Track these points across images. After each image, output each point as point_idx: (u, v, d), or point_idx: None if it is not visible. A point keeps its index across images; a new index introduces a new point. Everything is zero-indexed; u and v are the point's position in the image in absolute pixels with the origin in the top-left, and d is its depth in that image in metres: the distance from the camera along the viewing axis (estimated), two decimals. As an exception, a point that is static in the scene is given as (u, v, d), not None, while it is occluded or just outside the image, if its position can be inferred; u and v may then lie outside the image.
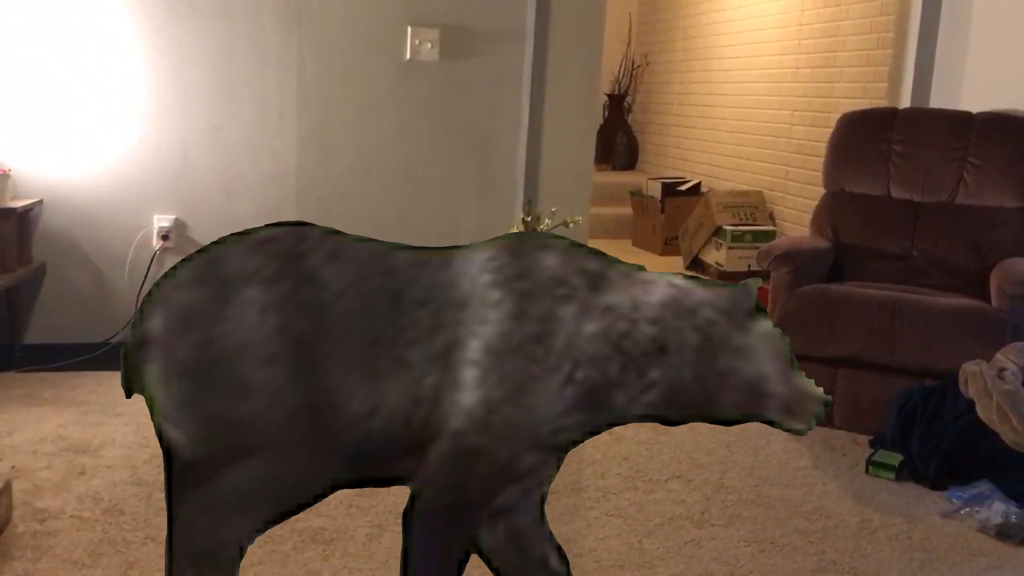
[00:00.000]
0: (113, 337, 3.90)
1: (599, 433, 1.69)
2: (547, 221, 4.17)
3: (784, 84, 5.82)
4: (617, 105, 8.01)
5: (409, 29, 4.04)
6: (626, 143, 8.03)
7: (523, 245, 1.69)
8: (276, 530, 2.41)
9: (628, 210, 6.91)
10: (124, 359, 1.68)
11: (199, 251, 1.70)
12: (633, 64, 8.01)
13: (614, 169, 7.92)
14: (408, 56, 4.06)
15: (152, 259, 3.95)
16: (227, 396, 1.62)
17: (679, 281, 1.66)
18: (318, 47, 3.99)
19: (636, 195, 6.82)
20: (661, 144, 7.74)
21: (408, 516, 1.70)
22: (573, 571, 1.83)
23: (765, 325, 1.63)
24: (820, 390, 1.63)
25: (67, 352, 3.73)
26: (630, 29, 8.08)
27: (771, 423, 1.65)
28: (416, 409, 1.62)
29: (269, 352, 1.61)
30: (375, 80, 4.06)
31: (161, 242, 3.94)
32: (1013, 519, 2.61)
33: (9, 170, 3.69)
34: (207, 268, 1.67)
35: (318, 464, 1.67)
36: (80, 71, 3.80)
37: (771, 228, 5.80)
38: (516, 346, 1.60)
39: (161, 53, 3.86)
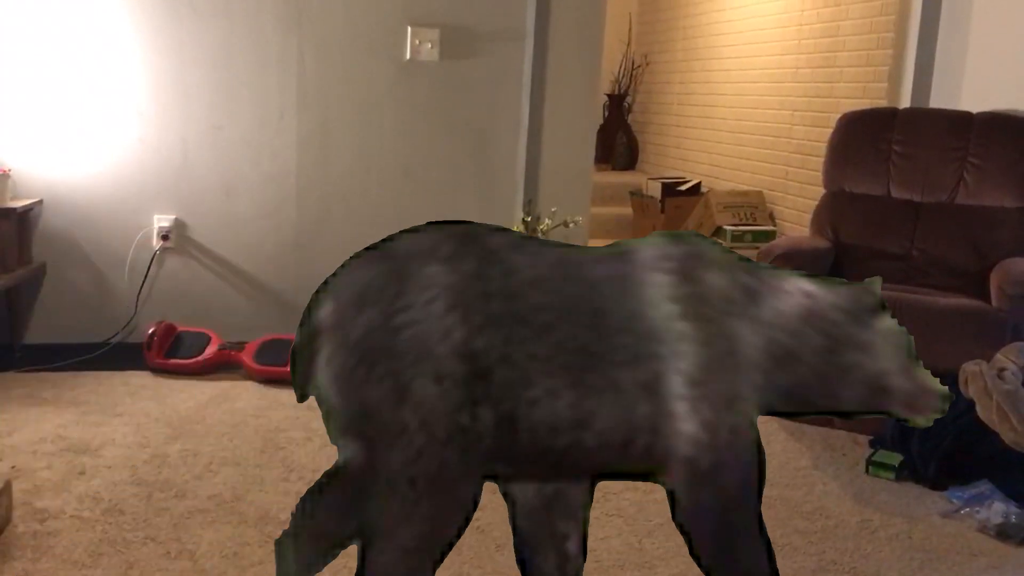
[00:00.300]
0: (113, 337, 3.90)
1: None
2: (547, 221, 4.17)
3: (784, 84, 5.82)
4: (617, 105, 8.01)
5: (409, 29, 4.04)
6: (626, 143, 8.03)
7: (694, 268, 1.71)
8: (276, 530, 2.42)
9: (628, 210, 6.90)
10: (295, 359, 1.65)
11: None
12: (633, 64, 8.01)
13: (614, 169, 7.91)
14: (408, 56, 4.06)
15: (152, 259, 3.95)
16: (385, 392, 1.60)
17: (810, 286, 1.71)
18: (318, 47, 3.99)
19: (636, 195, 6.82)
20: (661, 144, 7.74)
21: (691, 545, 1.72)
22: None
23: (888, 322, 1.69)
24: (940, 384, 1.69)
25: (67, 352, 3.73)
26: (630, 29, 8.08)
27: (892, 416, 1.72)
28: (634, 435, 1.65)
29: (445, 369, 1.60)
30: (375, 80, 4.06)
31: (161, 242, 3.94)
32: (1013, 519, 2.61)
33: (9, 170, 3.69)
34: (379, 251, 1.67)
35: (441, 503, 1.67)
36: (80, 71, 3.80)
37: (771, 228, 5.80)
38: (714, 369, 1.66)
39: (161, 53, 3.86)
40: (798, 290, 1.70)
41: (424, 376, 1.60)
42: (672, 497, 1.71)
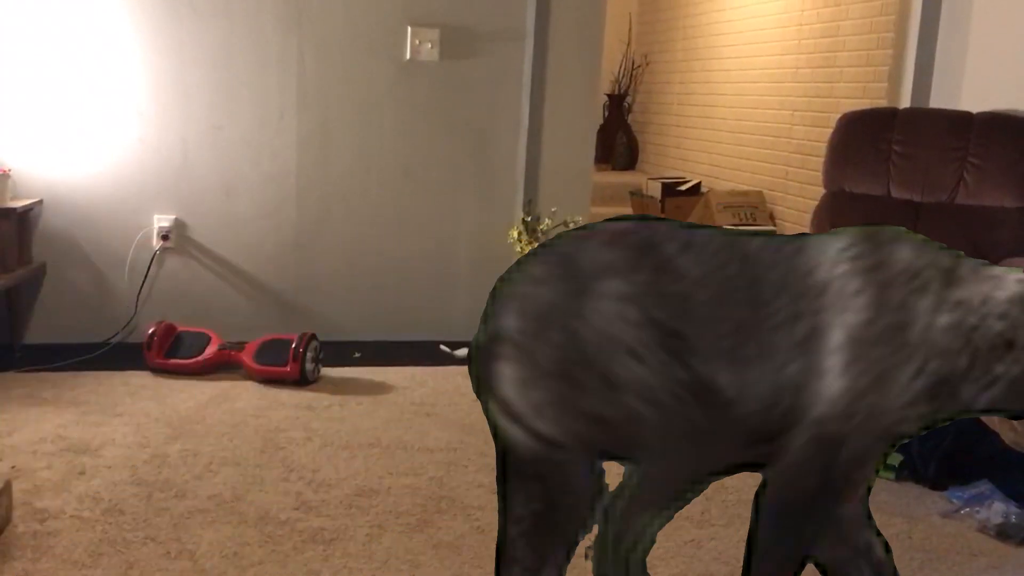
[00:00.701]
0: (113, 337, 3.90)
1: (934, 427, 1.70)
2: (547, 221, 4.17)
3: (784, 84, 5.82)
4: (617, 105, 8.01)
5: (409, 29, 4.04)
6: (626, 143, 8.03)
7: (878, 235, 1.68)
8: (276, 530, 2.42)
9: (628, 210, 6.90)
10: (474, 360, 1.67)
11: (543, 245, 1.71)
12: (633, 64, 8.01)
13: (614, 169, 7.92)
14: (408, 56, 4.06)
15: (152, 259, 3.95)
16: (597, 393, 1.62)
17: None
18: (318, 47, 3.99)
19: (636, 195, 6.82)
20: (661, 144, 7.74)
21: (760, 501, 1.72)
22: (572, 571, 1.83)
23: None
24: None
25: (67, 352, 3.73)
26: (630, 29, 8.09)
27: None
28: (779, 396, 1.63)
29: (636, 343, 1.61)
30: (375, 80, 4.06)
31: (161, 242, 3.94)
32: (1013, 519, 2.61)
33: (9, 170, 3.69)
34: (561, 264, 1.67)
35: (705, 454, 1.69)
36: (80, 71, 3.81)
37: (771, 228, 5.80)
38: (878, 335, 1.61)
39: (161, 53, 3.86)
40: (1011, 277, 1.64)
41: (618, 357, 1.61)
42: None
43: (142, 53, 3.85)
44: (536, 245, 4.09)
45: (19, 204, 3.68)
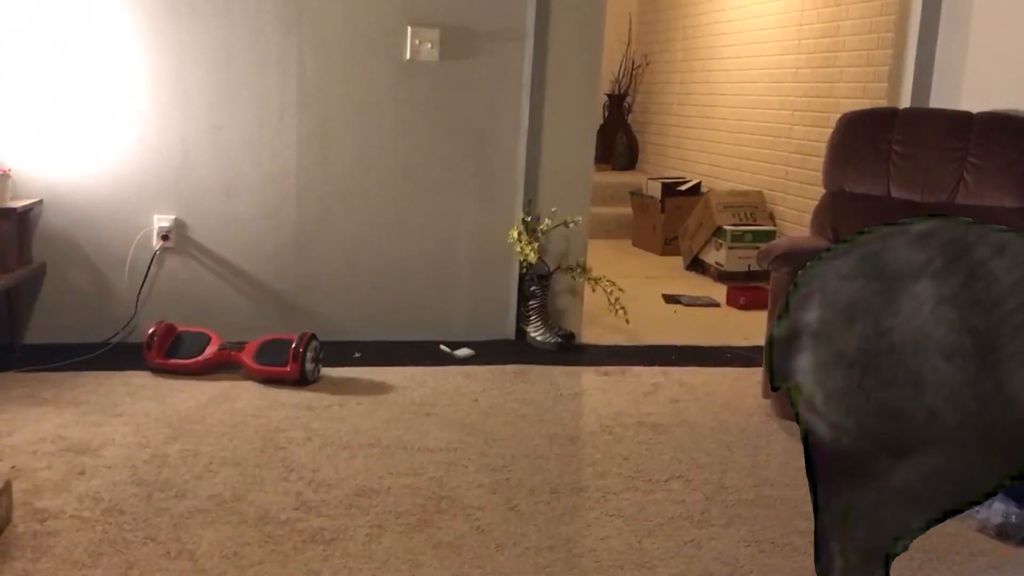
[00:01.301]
0: (113, 337, 3.90)
1: None
2: (547, 221, 4.17)
3: (784, 84, 5.83)
4: (617, 105, 8.02)
5: (409, 29, 4.04)
6: (626, 143, 8.04)
7: None
8: (276, 530, 2.42)
9: (628, 210, 6.91)
10: (772, 349, 1.70)
11: (846, 241, 1.72)
12: (633, 64, 8.02)
13: (614, 169, 7.92)
14: (408, 56, 4.06)
15: (152, 259, 3.95)
16: (901, 388, 1.63)
17: None
18: (318, 47, 3.99)
19: (636, 195, 6.82)
20: (661, 144, 7.74)
21: None
22: (572, 571, 1.83)
23: None
24: None
25: (67, 352, 3.73)
26: (630, 29, 8.09)
27: None
28: None
29: (950, 346, 1.62)
30: (375, 80, 4.06)
31: (161, 242, 3.94)
32: (1013, 519, 2.61)
33: (9, 170, 3.69)
34: (868, 262, 1.69)
35: (991, 463, 1.68)
36: (80, 71, 3.81)
37: (771, 228, 5.80)
38: None
39: (161, 53, 3.86)
40: None
41: (931, 359, 1.63)
42: None
43: (142, 53, 3.85)
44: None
45: (19, 204, 3.68)
